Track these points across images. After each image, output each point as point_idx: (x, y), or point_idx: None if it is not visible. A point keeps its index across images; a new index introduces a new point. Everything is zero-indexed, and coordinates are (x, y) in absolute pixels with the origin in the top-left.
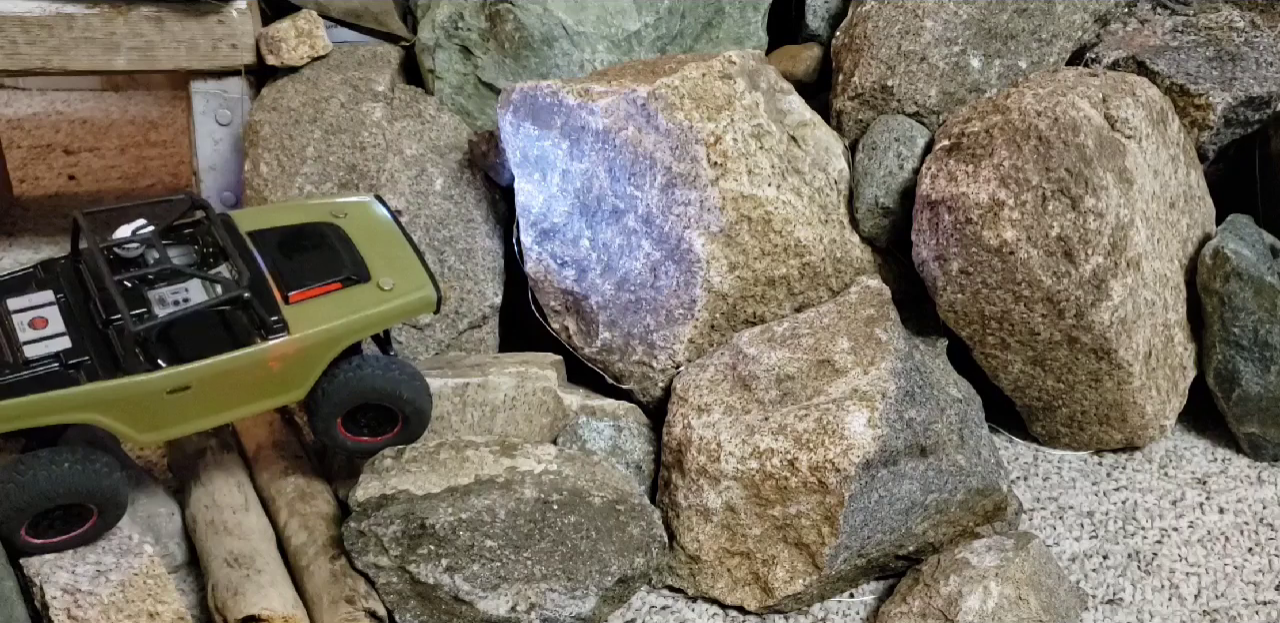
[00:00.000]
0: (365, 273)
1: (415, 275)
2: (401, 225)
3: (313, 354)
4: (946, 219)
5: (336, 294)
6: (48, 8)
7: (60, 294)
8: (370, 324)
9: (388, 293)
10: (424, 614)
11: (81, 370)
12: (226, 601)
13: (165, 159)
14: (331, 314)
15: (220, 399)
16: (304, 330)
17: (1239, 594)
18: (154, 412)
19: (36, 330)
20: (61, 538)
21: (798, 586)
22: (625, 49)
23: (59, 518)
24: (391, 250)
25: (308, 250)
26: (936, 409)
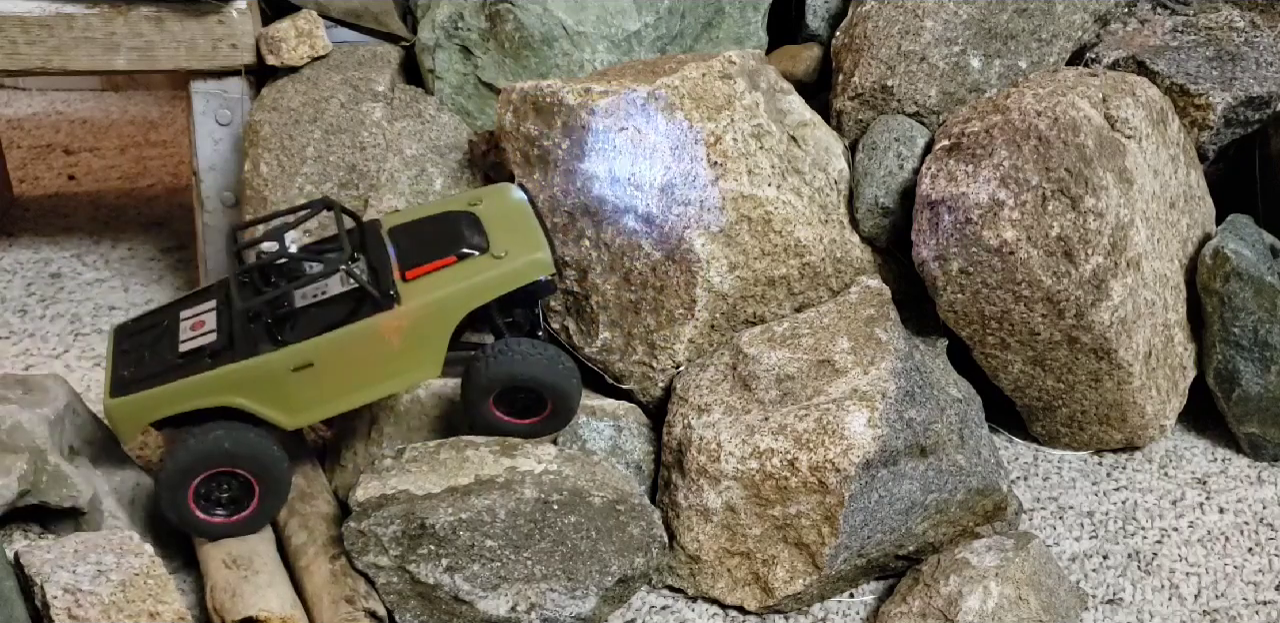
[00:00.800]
0: (484, 246)
1: (532, 241)
2: (535, 205)
3: (430, 327)
4: (946, 219)
5: (452, 267)
6: (48, 8)
7: (222, 302)
8: (483, 290)
9: (500, 259)
10: (424, 614)
11: (220, 357)
12: (224, 602)
13: (165, 159)
14: (443, 285)
15: (349, 378)
16: (415, 302)
17: (1239, 594)
18: (288, 391)
19: (194, 332)
20: (226, 519)
21: (798, 586)
22: (625, 49)
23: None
24: (517, 226)
25: (436, 234)
26: (936, 409)
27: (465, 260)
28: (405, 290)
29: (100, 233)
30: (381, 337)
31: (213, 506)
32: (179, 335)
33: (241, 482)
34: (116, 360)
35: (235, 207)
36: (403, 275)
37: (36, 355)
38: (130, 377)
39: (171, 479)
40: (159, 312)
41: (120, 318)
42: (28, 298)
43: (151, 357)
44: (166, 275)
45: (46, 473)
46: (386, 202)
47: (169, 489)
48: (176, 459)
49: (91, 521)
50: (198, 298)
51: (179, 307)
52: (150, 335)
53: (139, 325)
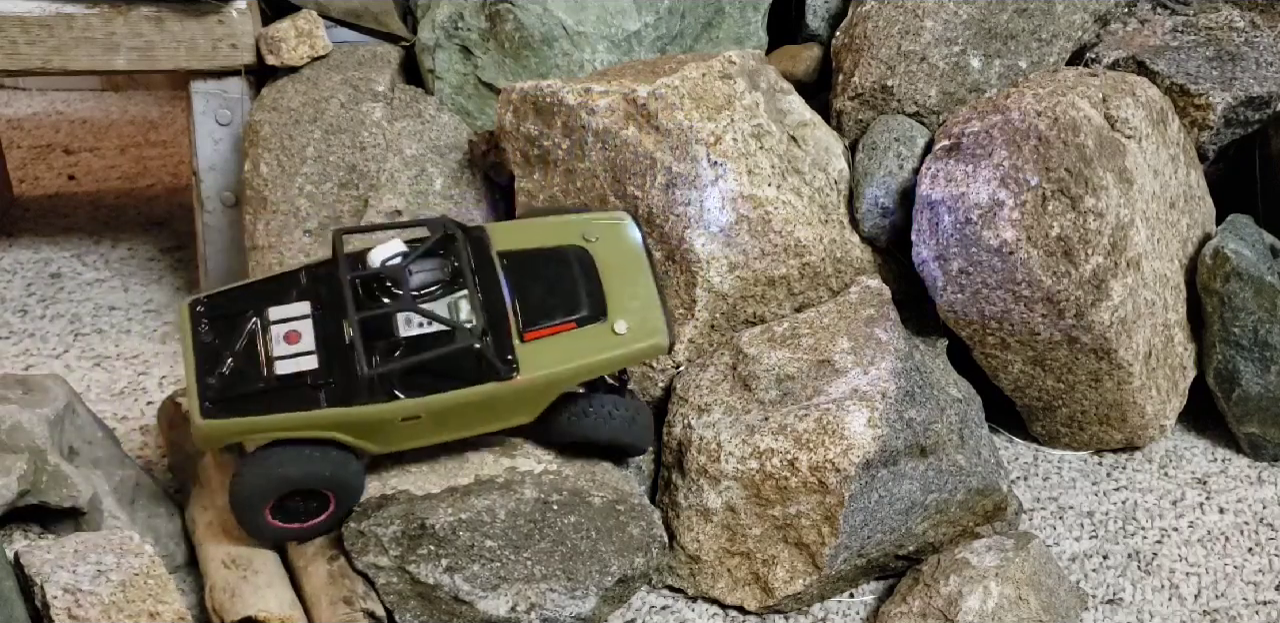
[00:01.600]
0: (603, 310)
1: (651, 318)
2: (650, 251)
3: (540, 392)
4: (946, 219)
5: (570, 334)
6: (48, 8)
7: (317, 308)
8: (600, 368)
9: (619, 338)
10: (424, 615)
11: (323, 393)
12: (224, 602)
13: (165, 159)
14: (562, 357)
15: (452, 424)
16: (533, 372)
17: (1239, 594)
18: (389, 433)
19: (290, 345)
20: (301, 525)
21: (798, 586)
22: (625, 49)
23: (301, 506)
24: (633, 283)
25: (553, 281)
26: (936, 409)
27: (585, 327)
28: (523, 354)
29: (100, 233)
30: (493, 399)
31: (289, 517)
32: (271, 348)
33: (319, 497)
34: (199, 358)
35: (235, 206)
36: (520, 334)
37: (36, 355)
38: (220, 390)
39: (253, 495)
40: (239, 296)
41: (120, 318)
42: (28, 298)
43: (242, 367)
44: (166, 275)
45: (46, 473)
46: (386, 202)
47: (249, 505)
48: (259, 477)
49: (91, 521)
50: (284, 290)
51: (265, 299)
52: (233, 332)
53: (217, 310)
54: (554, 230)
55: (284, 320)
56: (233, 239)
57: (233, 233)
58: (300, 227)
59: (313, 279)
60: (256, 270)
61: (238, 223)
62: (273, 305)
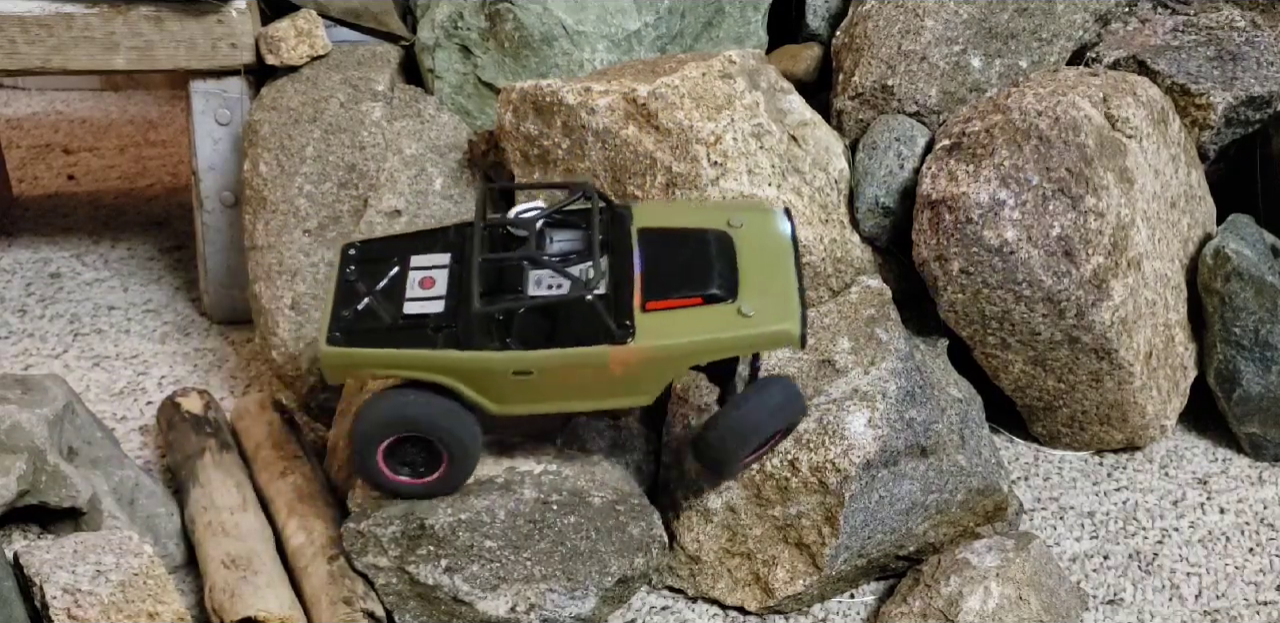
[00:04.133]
0: (733, 292)
1: (784, 305)
2: (797, 245)
3: (656, 367)
4: (947, 219)
5: (695, 310)
6: (47, 7)
7: (456, 260)
8: (721, 348)
9: (747, 319)
10: (423, 615)
11: (441, 335)
12: (223, 602)
13: (165, 159)
14: (681, 331)
15: (564, 389)
16: (648, 342)
17: (1240, 595)
18: (501, 387)
19: (423, 290)
20: (415, 480)
21: (798, 586)
22: (625, 48)
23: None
24: (773, 271)
25: (687, 258)
26: (937, 409)
27: (711, 305)
28: (641, 323)
29: (100, 233)
30: (605, 365)
31: (402, 466)
32: (405, 289)
33: (431, 449)
34: (339, 294)
35: (234, 206)
36: (643, 304)
37: (36, 355)
38: (349, 323)
39: (363, 438)
40: (390, 244)
41: (119, 318)
42: (27, 298)
43: (376, 305)
44: (166, 275)
45: (46, 473)
46: (386, 201)
47: (360, 446)
48: (371, 417)
49: (91, 521)
50: (432, 243)
51: (412, 247)
52: (377, 275)
53: (368, 254)
54: (700, 214)
55: (423, 268)
56: (232, 239)
57: (232, 232)
58: (300, 226)
59: (458, 233)
60: (256, 270)
61: (237, 223)
62: (417, 254)
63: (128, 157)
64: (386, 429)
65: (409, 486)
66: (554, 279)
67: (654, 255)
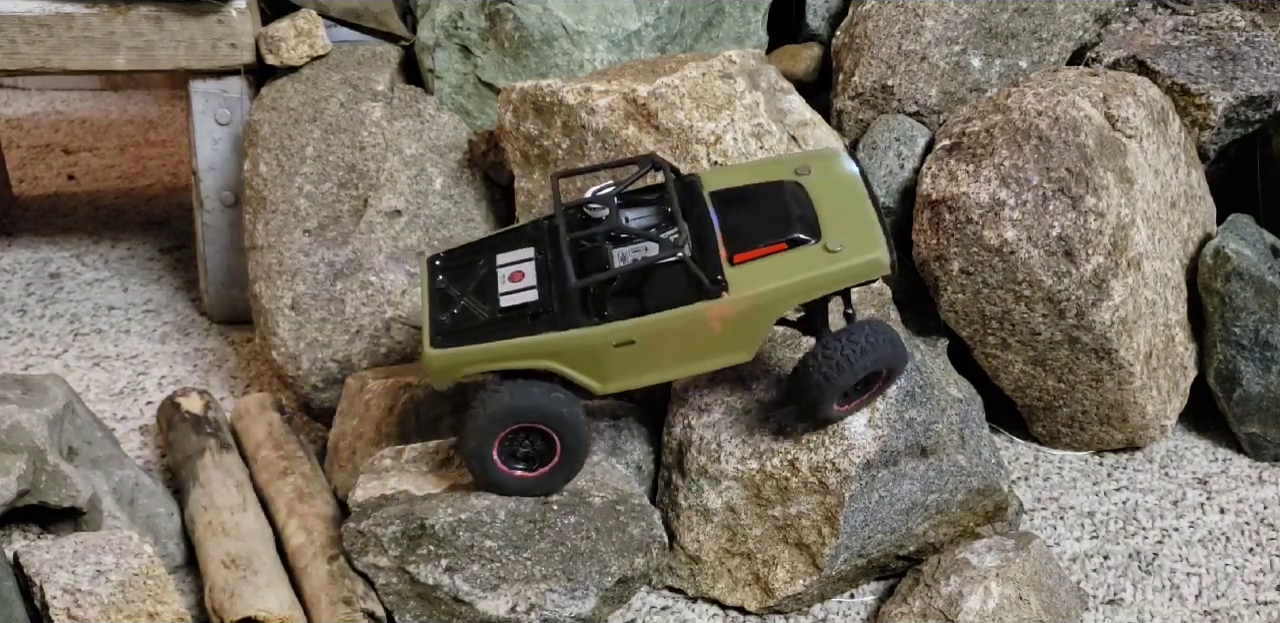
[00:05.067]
0: (816, 233)
1: (869, 236)
2: (869, 180)
3: (754, 317)
4: (947, 219)
5: (781, 255)
6: (47, 7)
7: (540, 252)
8: (814, 287)
9: (835, 254)
10: (423, 615)
11: (540, 321)
12: (223, 602)
13: (164, 159)
14: (773, 276)
15: (667, 355)
16: (743, 292)
17: (1240, 595)
18: (605, 363)
19: (514, 283)
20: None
21: (798, 586)
22: (625, 48)
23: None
24: (850, 208)
25: (763, 209)
26: (937, 409)
27: (797, 248)
28: (733, 276)
29: (100, 233)
30: (705, 322)
31: (515, 461)
32: (498, 285)
33: (545, 440)
34: (434, 302)
35: (234, 206)
36: (730, 258)
37: (35, 355)
38: (450, 326)
39: (480, 431)
40: (472, 249)
41: (119, 318)
42: (27, 298)
43: (472, 305)
44: (166, 275)
45: (46, 473)
46: (386, 201)
47: (476, 440)
48: (486, 411)
49: (91, 521)
50: (512, 240)
51: (494, 248)
52: (467, 278)
53: (453, 262)
54: (765, 169)
55: (509, 264)
56: (232, 239)
57: (232, 232)
58: (300, 226)
59: (536, 228)
60: (256, 270)
61: (237, 222)
62: (501, 253)
63: (128, 156)
64: (503, 421)
65: (525, 480)
66: (638, 253)
67: (730, 213)
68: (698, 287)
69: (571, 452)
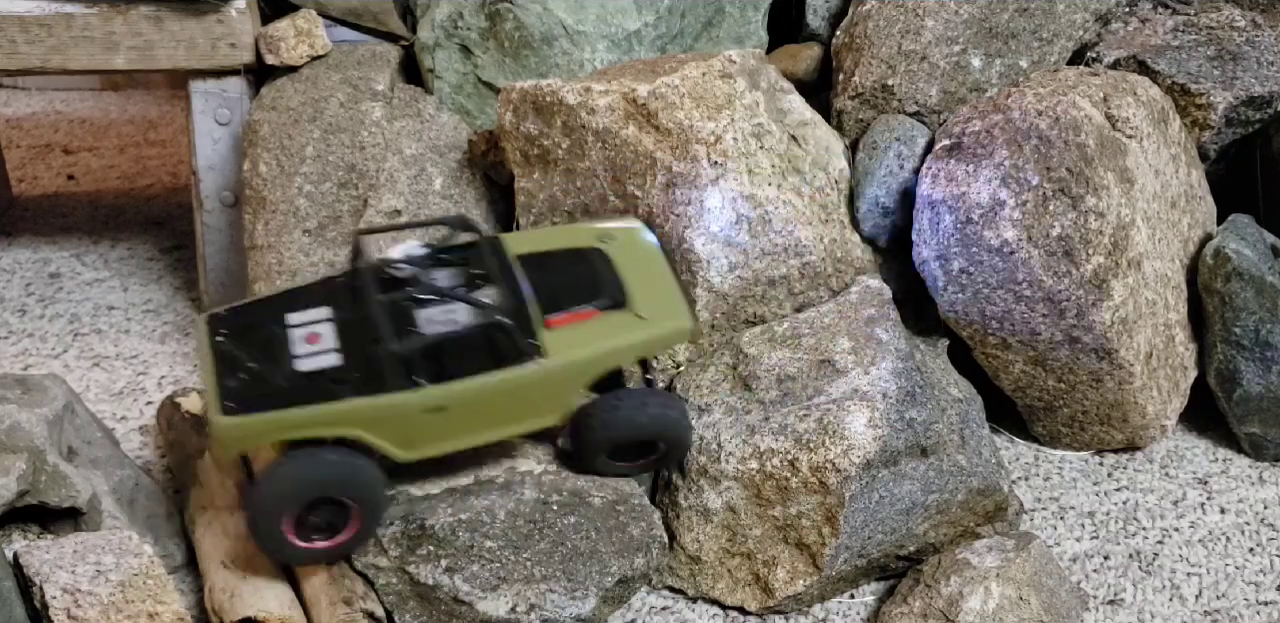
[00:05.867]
0: (624, 300)
1: (673, 304)
2: (668, 253)
3: (568, 381)
4: (947, 219)
5: (594, 321)
6: (47, 7)
7: (335, 310)
8: (625, 353)
9: (644, 322)
10: (423, 615)
11: (345, 386)
12: (223, 602)
13: (164, 159)
14: (588, 341)
15: (477, 420)
16: (560, 356)
17: (1240, 595)
18: (413, 430)
19: (311, 345)
20: (325, 544)
21: (798, 586)
22: (625, 48)
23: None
24: (652, 278)
25: (571, 275)
26: (937, 409)
27: (608, 314)
28: (548, 341)
29: (99, 233)
30: (519, 387)
31: (307, 531)
32: (291, 348)
33: (340, 508)
34: (220, 365)
35: (234, 206)
36: (543, 321)
37: (35, 355)
38: (242, 391)
39: (272, 506)
40: (257, 308)
41: (119, 318)
42: (27, 298)
43: (263, 369)
44: (166, 275)
45: (45, 473)
46: (386, 201)
47: (267, 515)
48: (280, 486)
49: (91, 521)
50: (302, 299)
51: (281, 306)
52: (254, 339)
53: (236, 322)
54: (566, 236)
55: (303, 325)
56: (232, 239)
57: (232, 232)
58: (300, 226)
59: (328, 288)
60: (255, 270)
61: (237, 222)
62: (290, 312)
63: (127, 156)
64: (297, 496)
65: (319, 550)
66: (445, 315)
67: (539, 277)
68: (514, 351)
69: (371, 518)
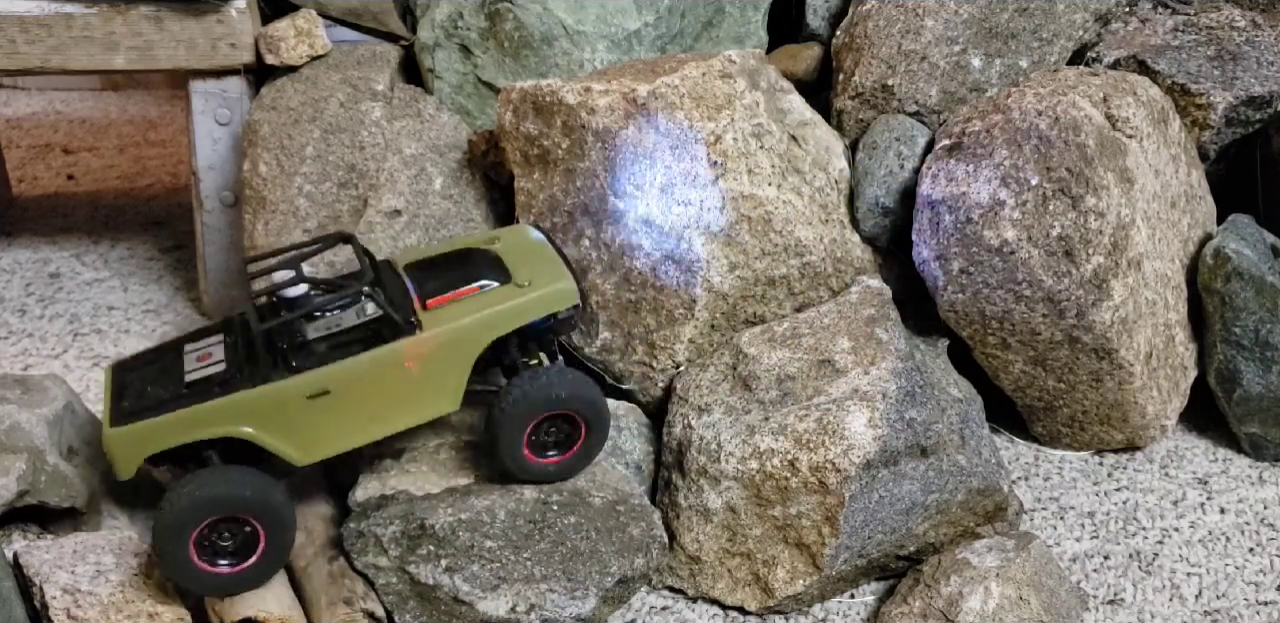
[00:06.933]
0: (506, 278)
1: (555, 273)
2: (554, 241)
3: (451, 354)
4: (947, 219)
5: (473, 297)
6: (47, 7)
7: (229, 336)
8: (507, 318)
9: (524, 289)
10: (423, 615)
11: (227, 386)
12: (223, 602)
13: (164, 159)
14: (465, 313)
15: (366, 409)
16: (438, 328)
17: (1240, 595)
18: (301, 423)
19: (201, 363)
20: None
21: (798, 586)
22: (625, 48)
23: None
24: (537, 258)
25: (454, 269)
26: (937, 409)
27: (487, 291)
28: (427, 318)
29: (99, 233)
30: (401, 364)
31: (216, 556)
32: (184, 367)
33: (246, 529)
34: (115, 394)
35: (234, 206)
36: (423, 304)
37: (35, 355)
38: (131, 408)
39: (171, 527)
40: (159, 349)
41: (119, 318)
42: (26, 298)
43: (155, 389)
44: (166, 275)
45: (45, 473)
46: (386, 201)
47: (167, 539)
48: (178, 505)
49: (91, 521)
50: (201, 334)
51: (181, 342)
52: (152, 370)
53: (138, 362)
54: (457, 243)
55: (196, 350)
56: (232, 239)
57: (232, 232)
58: (300, 226)
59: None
60: None
61: (237, 222)
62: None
63: (128, 156)
64: (197, 514)
65: (226, 577)
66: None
67: (424, 276)
68: (391, 327)
69: (277, 541)
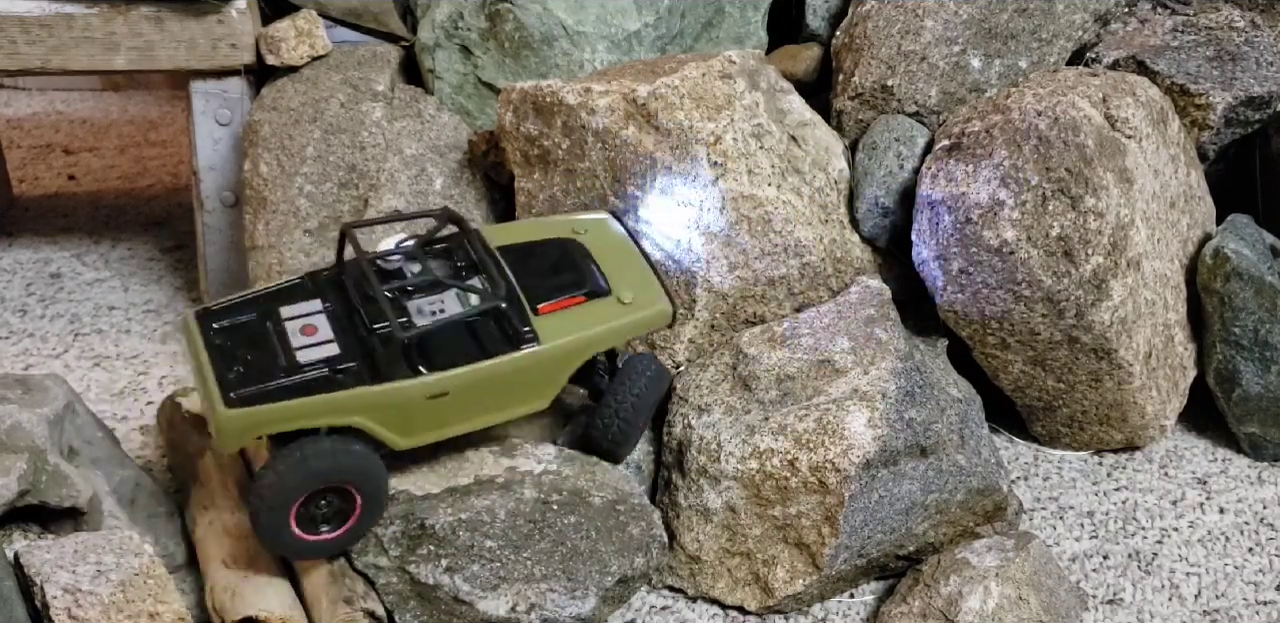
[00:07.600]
0: (606, 287)
1: (652, 290)
2: (638, 241)
3: (559, 365)
4: (946, 219)
5: (581, 307)
6: (47, 7)
7: (327, 303)
8: (612, 336)
9: (628, 306)
10: (423, 615)
11: (346, 375)
12: (224, 602)
13: (165, 159)
14: (577, 326)
15: (473, 407)
16: (553, 341)
17: (1239, 594)
18: (413, 417)
19: (308, 338)
20: (330, 535)
21: (798, 586)
22: (625, 49)
23: (326, 512)
24: (629, 265)
25: (553, 265)
26: (937, 409)
27: (593, 301)
28: (540, 326)
29: (100, 233)
30: (516, 372)
31: (312, 523)
32: (289, 340)
33: (343, 497)
34: (216, 359)
35: (235, 206)
36: (534, 308)
37: (36, 355)
38: (243, 383)
39: (275, 499)
40: (249, 303)
41: (119, 318)
42: (27, 298)
43: (262, 361)
44: (166, 275)
45: (46, 473)
46: (386, 201)
47: (271, 509)
48: (283, 478)
49: (91, 521)
50: (293, 294)
51: (274, 301)
52: (249, 332)
53: (228, 317)
54: (542, 228)
55: (297, 317)
56: (232, 239)
57: (232, 233)
58: (300, 226)
59: (315, 281)
60: (256, 270)
61: (237, 223)
62: (283, 306)
63: (128, 157)
64: (301, 486)
65: (323, 543)
66: (433, 306)
67: (522, 267)
68: (512, 336)
69: (373, 505)
